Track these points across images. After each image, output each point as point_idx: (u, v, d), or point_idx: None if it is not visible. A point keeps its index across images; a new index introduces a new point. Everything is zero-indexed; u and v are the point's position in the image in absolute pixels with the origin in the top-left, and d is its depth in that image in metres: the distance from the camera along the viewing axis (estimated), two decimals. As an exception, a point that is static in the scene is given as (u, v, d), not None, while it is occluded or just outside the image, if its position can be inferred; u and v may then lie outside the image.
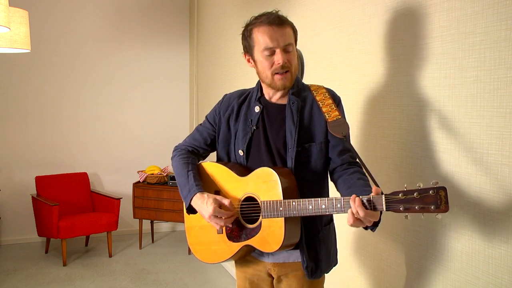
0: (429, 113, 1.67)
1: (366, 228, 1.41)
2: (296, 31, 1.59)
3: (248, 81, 3.43)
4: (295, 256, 1.62)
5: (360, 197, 1.30)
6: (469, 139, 1.51)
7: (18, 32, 2.69)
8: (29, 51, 2.88)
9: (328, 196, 1.66)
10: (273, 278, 1.68)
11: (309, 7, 2.50)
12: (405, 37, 1.78)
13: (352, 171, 1.54)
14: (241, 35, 1.62)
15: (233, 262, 1.75)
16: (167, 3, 5.13)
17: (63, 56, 4.79)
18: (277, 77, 1.54)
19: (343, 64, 2.20)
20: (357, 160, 1.61)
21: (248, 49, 1.60)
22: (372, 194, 1.30)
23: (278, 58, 1.51)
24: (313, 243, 1.59)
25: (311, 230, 1.58)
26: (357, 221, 1.32)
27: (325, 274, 1.68)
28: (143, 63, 5.08)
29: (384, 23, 1.90)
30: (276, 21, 1.51)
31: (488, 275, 1.47)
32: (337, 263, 1.73)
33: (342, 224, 2.20)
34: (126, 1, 4.97)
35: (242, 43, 1.62)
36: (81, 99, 4.89)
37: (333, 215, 1.72)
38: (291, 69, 1.54)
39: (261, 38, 1.51)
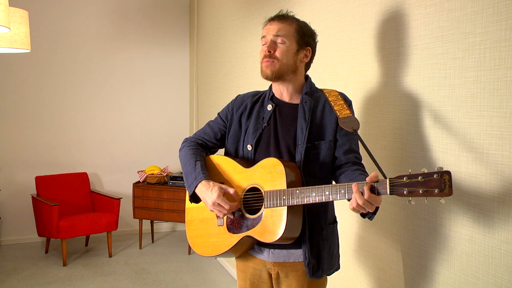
0: (429, 113, 1.67)
1: (363, 216, 1.43)
2: (303, 31, 1.64)
3: (248, 80, 3.43)
4: (296, 256, 1.62)
5: (364, 182, 1.32)
6: (469, 139, 1.51)
7: (18, 32, 2.69)
8: (29, 51, 2.88)
9: None
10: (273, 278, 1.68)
11: (309, 7, 2.50)
12: (405, 37, 1.78)
13: (355, 168, 1.56)
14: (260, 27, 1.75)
15: (233, 261, 1.75)
16: (167, 3, 5.13)
17: (63, 56, 4.79)
18: (263, 63, 1.63)
19: (343, 64, 2.21)
20: (362, 161, 1.66)
21: None
22: (368, 178, 1.31)
23: (264, 45, 1.63)
24: (316, 240, 1.59)
25: (315, 227, 1.59)
26: (359, 206, 1.32)
27: (327, 277, 1.69)
28: (143, 63, 5.08)
29: (384, 23, 1.90)
30: (276, 17, 1.64)
31: (488, 275, 1.47)
32: (339, 267, 1.73)
33: (343, 224, 2.20)
34: (126, 1, 4.97)
35: None
36: (81, 99, 4.89)
37: (336, 217, 1.74)
38: (278, 60, 1.60)
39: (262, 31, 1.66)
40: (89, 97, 4.91)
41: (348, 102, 1.65)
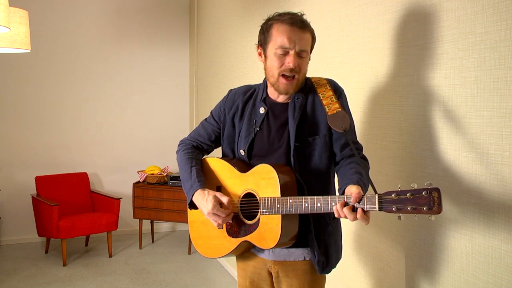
0: (429, 113, 1.67)
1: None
2: (315, 40, 1.58)
3: (248, 80, 3.42)
4: (296, 255, 1.62)
5: (352, 204, 1.31)
6: (469, 139, 1.51)
7: (18, 32, 2.69)
8: (29, 51, 2.88)
9: (334, 189, 1.68)
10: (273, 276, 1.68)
11: (309, 7, 2.50)
12: (405, 37, 1.78)
13: (348, 162, 1.55)
14: (259, 27, 1.63)
15: (233, 261, 1.76)
16: (167, 3, 5.13)
17: (63, 56, 4.79)
18: (282, 80, 1.53)
19: (343, 64, 2.21)
20: (359, 152, 1.62)
21: (262, 43, 1.60)
22: (352, 199, 1.31)
23: (290, 60, 1.49)
24: (323, 237, 1.59)
25: (321, 224, 1.59)
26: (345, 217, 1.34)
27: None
28: (143, 63, 5.08)
29: (384, 23, 1.90)
30: (298, 24, 1.50)
31: (488, 275, 1.47)
32: (341, 257, 1.73)
33: (343, 225, 2.20)
34: (126, 1, 4.97)
35: (259, 36, 1.62)
36: (81, 99, 4.89)
37: None
38: (299, 75, 1.53)
39: (279, 36, 1.50)
40: (89, 97, 4.91)
41: (337, 93, 1.59)
